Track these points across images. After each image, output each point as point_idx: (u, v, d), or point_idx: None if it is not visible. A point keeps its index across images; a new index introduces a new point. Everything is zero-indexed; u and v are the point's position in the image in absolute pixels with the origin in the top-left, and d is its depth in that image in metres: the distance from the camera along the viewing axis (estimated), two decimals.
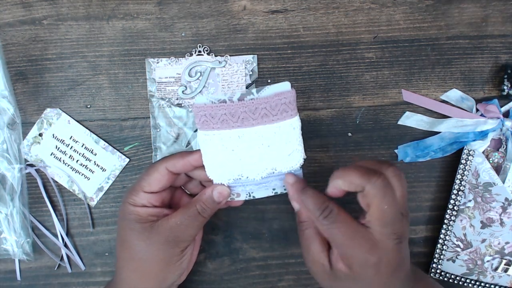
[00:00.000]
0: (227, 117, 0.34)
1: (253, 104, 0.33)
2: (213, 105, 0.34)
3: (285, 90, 0.33)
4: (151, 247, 0.37)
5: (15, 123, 0.48)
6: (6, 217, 0.47)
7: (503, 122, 0.47)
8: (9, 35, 0.49)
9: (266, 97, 0.33)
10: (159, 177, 0.38)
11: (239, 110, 0.33)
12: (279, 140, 0.35)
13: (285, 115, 0.34)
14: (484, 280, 0.48)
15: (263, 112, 0.34)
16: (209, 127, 0.35)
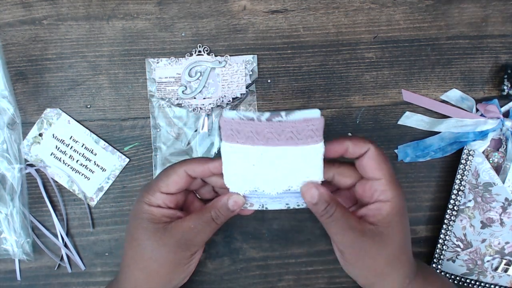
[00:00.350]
0: (253, 135, 0.34)
1: (280, 126, 0.34)
2: (241, 121, 0.34)
3: (314, 117, 0.34)
4: (162, 248, 0.37)
5: (15, 123, 0.48)
6: (6, 217, 0.47)
7: (503, 122, 0.47)
8: (9, 35, 0.49)
9: (294, 121, 0.34)
10: (177, 179, 0.38)
11: (265, 129, 0.34)
12: (300, 162, 0.35)
13: (310, 140, 0.34)
14: (484, 280, 0.48)
15: (289, 135, 0.34)
16: (234, 141, 0.35)
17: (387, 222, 0.36)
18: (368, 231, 0.35)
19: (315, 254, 0.49)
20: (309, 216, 0.49)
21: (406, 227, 0.37)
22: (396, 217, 0.36)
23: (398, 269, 0.37)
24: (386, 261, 0.36)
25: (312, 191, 0.35)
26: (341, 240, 0.36)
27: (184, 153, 0.49)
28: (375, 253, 0.36)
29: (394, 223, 0.36)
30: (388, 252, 0.36)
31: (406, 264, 0.38)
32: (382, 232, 0.35)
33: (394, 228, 0.36)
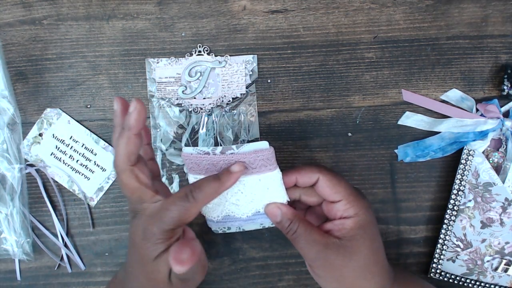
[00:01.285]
0: (210, 166, 0.37)
1: (233, 158, 0.37)
2: (198, 155, 0.37)
3: (263, 148, 0.36)
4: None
5: (15, 123, 0.48)
6: (6, 217, 0.47)
7: (503, 122, 0.47)
8: (9, 35, 0.49)
9: (244, 152, 0.36)
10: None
11: (220, 162, 0.37)
12: (262, 188, 0.38)
13: (264, 169, 0.37)
14: (484, 280, 0.48)
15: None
16: (196, 173, 0.38)
17: (351, 235, 0.36)
18: (332, 244, 0.36)
19: None
20: None
21: (374, 239, 0.38)
22: (360, 231, 0.37)
23: (369, 280, 0.37)
24: (354, 273, 0.37)
25: (274, 211, 0.38)
26: (307, 254, 0.37)
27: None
28: (341, 265, 0.36)
29: (358, 236, 0.36)
30: (355, 265, 0.36)
31: (379, 274, 0.38)
32: (346, 245, 0.36)
33: (359, 241, 0.37)
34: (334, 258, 0.36)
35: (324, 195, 0.38)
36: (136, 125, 0.33)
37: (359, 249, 0.36)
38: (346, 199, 0.37)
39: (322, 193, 0.38)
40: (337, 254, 0.36)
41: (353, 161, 0.49)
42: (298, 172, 0.38)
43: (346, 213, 0.37)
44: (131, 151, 0.33)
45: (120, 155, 0.34)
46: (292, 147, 0.49)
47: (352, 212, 0.37)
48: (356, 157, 0.49)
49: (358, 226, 0.37)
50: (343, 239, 0.37)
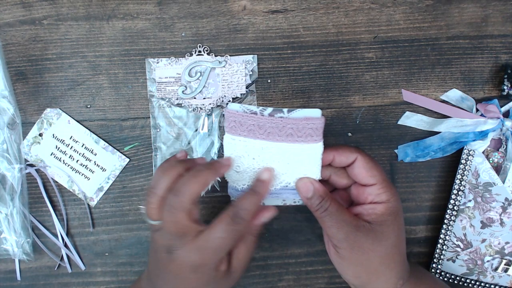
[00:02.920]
0: (255, 128, 0.36)
1: (282, 122, 0.35)
2: (244, 114, 0.35)
3: (315, 117, 0.35)
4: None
5: (15, 123, 0.48)
6: (6, 217, 0.47)
7: (503, 122, 0.47)
8: (9, 35, 0.49)
9: (295, 118, 0.35)
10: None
11: (267, 124, 0.35)
12: (299, 160, 0.36)
13: (309, 139, 0.36)
14: (484, 280, 0.48)
15: (289, 131, 0.36)
16: (236, 133, 0.36)
17: (382, 221, 0.36)
18: (363, 227, 0.36)
19: (315, 254, 0.49)
20: (309, 216, 0.49)
21: (401, 228, 0.38)
22: (391, 217, 0.36)
23: (391, 268, 0.37)
24: (380, 259, 0.37)
25: (307, 186, 0.37)
26: (335, 234, 0.36)
27: None
28: (369, 248, 0.36)
29: (388, 222, 0.36)
30: (382, 250, 0.36)
31: (399, 264, 0.38)
32: (376, 229, 0.36)
33: (389, 227, 0.36)
34: (364, 241, 0.36)
35: (358, 177, 0.37)
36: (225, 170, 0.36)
37: (388, 235, 0.36)
38: (381, 183, 0.36)
39: (357, 174, 0.37)
40: (366, 237, 0.36)
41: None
42: (336, 150, 0.37)
43: (378, 198, 0.37)
44: (200, 191, 0.35)
45: (190, 194, 0.34)
46: None
47: (385, 198, 0.36)
48: None
49: (389, 212, 0.36)
50: (373, 223, 0.36)
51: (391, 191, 0.37)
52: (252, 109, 0.35)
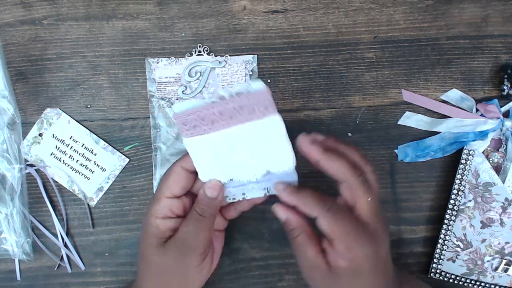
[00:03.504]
0: (217, 117, 0.33)
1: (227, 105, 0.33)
2: (191, 111, 0.33)
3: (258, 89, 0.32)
4: (166, 262, 0.37)
5: (15, 123, 0.48)
6: (6, 217, 0.47)
7: (503, 122, 0.47)
8: (9, 35, 0.49)
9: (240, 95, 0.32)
10: (177, 178, 0.37)
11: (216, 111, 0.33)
12: (263, 140, 0.34)
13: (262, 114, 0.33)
14: (484, 280, 0.48)
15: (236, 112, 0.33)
16: (193, 134, 0.35)
17: (340, 273, 0.35)
18: (319, 269, 0.35)
19: None
20: None
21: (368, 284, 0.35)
22: (350, 275, 0.34)
23: None
24: None
25: (280, 214, 0.37)
26: (298, 261, 0.37)
27: (184, 153, 0.49)
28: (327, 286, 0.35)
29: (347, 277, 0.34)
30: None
31: None
32: (332, 277, 0.35)
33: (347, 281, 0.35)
34: (319, 280, 0.36)
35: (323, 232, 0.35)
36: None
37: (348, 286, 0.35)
38: (345, 245, 0.34)
39: (321, 230, 0.35)
40: (322, 279, 0.35)
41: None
42: (301, 201, 0.35)
43: (344, 255, 0.34)
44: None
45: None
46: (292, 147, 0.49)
47: (350, 257, 0.34)
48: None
49: (351, 271, 0.34)
50: (332, 270, 0.35)
51: (362, 254, 0.34)
52: (196, 104, 0.33)
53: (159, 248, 0.37)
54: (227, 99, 0.32)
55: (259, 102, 0.32)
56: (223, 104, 0.32)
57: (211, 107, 0.33)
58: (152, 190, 0.49)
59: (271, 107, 0.33)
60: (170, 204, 0.37)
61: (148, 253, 0.37)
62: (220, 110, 0.33)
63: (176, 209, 0.38)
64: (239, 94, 0.32)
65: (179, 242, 0.37)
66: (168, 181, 0.37)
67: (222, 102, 0.32)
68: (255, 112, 0.33)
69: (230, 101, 0.32)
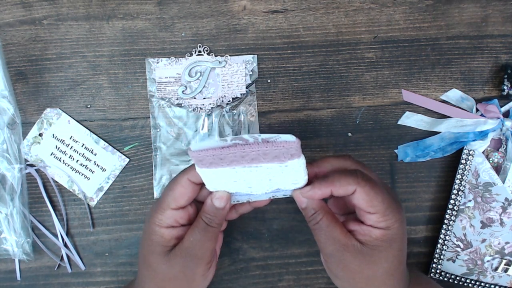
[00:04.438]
0: (237, 159, 0.32)
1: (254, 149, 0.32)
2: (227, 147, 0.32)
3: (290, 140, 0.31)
4: (172, 271, 0.36)
5: (15, 123, 0.48)
6: (6, 217, 0.47)
7: (503, 122, 0.47)
8: (9, 35, 0.49)
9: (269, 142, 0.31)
10: (183, 191, 0.36)
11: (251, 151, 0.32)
12: (280, 172, 0.34)
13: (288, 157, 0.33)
14: (484, 280, 0.48)
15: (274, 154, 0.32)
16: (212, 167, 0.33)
17: (375, 245, 0.35)
18: (352, 247, 0.35)
19: (315, 254, 0.49)
20: None
21: (396, 255, 0.36)
22: (386, 243, 0.35)
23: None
24: (367, 281, 0.35)
25: (300, 198, 0.36)
26: (323, 248, 0.36)
27: (184, 153, 0.49)
28: (355, 270, 0.35)
29: (382, 248, 0.35)
30: (370, 274, 0.35)
31: (393, 285, 0.36)
32: (366, 252, 0.34)
33: (381, 253, 0.35)
34: (350, 261, 0.35)
35: (358, 206, 0.35)
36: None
37: (379, 261, 0.35)
38: (382, 213, 0.34)
39: (357, 204, 0.35)
40: (354, 258, 0.35)
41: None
42: (332, 184, 0.34)
43: (378, 224, 0.34)
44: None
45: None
46: None
47: (384, 225, 0.34)
48: (356, 157, 0.49)
49: (386, 239, 0.34)
50: (365, 245, 0.35)
51: (392, 219, 0.34)
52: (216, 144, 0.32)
53: (164, 256, 0.36)
54: (252, 144, 0.31)
55: (286, 150, 0.32)
56: (247, 148, 0.31)
57: (233, 149, 0.31)
58: (152, 190, 0.49)
59: (297, 153, 0.32)
60: (175, 214, 0.37)
61: (153, 261, 0.37)
62: (242, 154, 0.32)
63: (181, 219, 0.37)
64: (265, 141, 0.31)
65: (185, 251, 0.36)
66: (174, 192, 0.36)
67: (246, 146, 0.31)
68: (280, 158, 0.32)
69: (255, 146, 0.31)
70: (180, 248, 0.36)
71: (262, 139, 0.31)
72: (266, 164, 0.33)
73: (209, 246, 0.37)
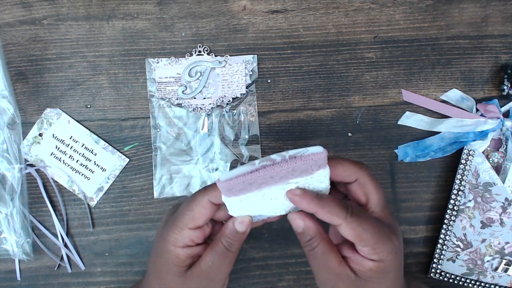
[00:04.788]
0: (267, 180, 0.32)
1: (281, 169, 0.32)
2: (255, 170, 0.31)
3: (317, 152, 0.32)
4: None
5: (15, 123, 0.48)
6: (6, 217, 0.47)
7: (503, 122, 0.47)
8: (9, 35, 0.49)
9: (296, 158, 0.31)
10: (203, 211, 0.35)
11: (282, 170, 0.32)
12: (305, 184, 0.34)
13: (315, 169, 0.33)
14: (484, 280, 0.48)
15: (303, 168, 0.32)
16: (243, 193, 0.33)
17: (368, 277, 0.34)
18: (346, 277, 0.34)
19: None
20: None
21: (393, 283, 0.35)
22: (380, 275, 0.33)
23: None
24: None
25: (297, 222, 0.35)
26: (316, 275, 0.35)
27: (184, 153, 0.49)
28: None
29: (375, 280, 0.33)
30: None
31: None
32: (360, 284, 0.34)
33: (375, 284, 0.34)
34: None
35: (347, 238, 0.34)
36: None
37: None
38: (371, 246, 0.33)
39: (345, 236, 0.33)
40: (349, 287, 0.34)
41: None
42: (321, 209, 0.33)
43: (370, 257, 0.33)
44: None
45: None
46: (292, 147, 0.49)
47: (376, 258, 0.33)
48: (356, 157, 0.49)
49: (379, 270, 0.33)
50: (359, 276, 0.33)
51: (385, 251, 0.33)
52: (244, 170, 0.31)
53: (180, 277, 0.36)
54: (280, 163, 0.31)
55: (314, 163, 0.32)
56: (275, 168, 0.31)
57: (263, 172, 0.31)
58: (152, 190, 0.49)
59: (324, 164, 0.33)
60: (192, 234, 0.36)
61: (168, 280, 0.36)
62: (271, 175, 0.32)
63: (197, 239, 0.36)
64: (293, 157, 0.31)
65: (202, 274, 0.35)
66: (193, 213, 0.35)
67: (275, 166, 0.31)
68: (308, 171, 0.32)
69: (283, 164, 0.31)
70: (197, 271, 0.35)
71: (289, 156, 0.31)
72: (294, 180, 0.33)
73: (225, 270, 0.36)
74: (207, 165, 0.49)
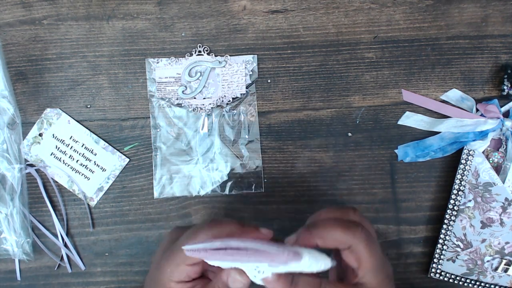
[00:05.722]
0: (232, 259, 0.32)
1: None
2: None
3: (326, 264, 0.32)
4: None
5: (15, 123, 0.48)
6: (6, 217, 0.47)
7: (503, 122, 0.47)
8: (9, 35, 0.49)
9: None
10: None
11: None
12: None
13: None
14: (484, 280, 0.48)
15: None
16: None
17: None
18: None
19: None
20: (309, 216, 0.49)
21: None
22: None
23: None
24: None
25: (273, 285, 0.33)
26: None
27: (184, 153, 0.49)
28: None
29: None
30: None
31: None
32: None
33: None
34: None
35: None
36: None
37: None
38: None
39: None
40: None
41: (353, 161, 0.49)
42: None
43: None
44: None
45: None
46: (292, 147, 0.49)
47: None
48: (356, 157, 0.49)
49: None
50: None
51: None
52: (208, 245, 0.31)
53: None
54: (240, 251, 0.31)
55: (274, 259, 0.31)
56: (235, 254, 0.31)
57: (223, 253, 0.31)
58: (152, 190, 0.49)
59: (292, 259, 0.32)
60: (189, 270, 0.35)
61: None
62: (234, 259, 0.31)
63: (194, 274, 0.35)
64: (253, 250, 0.31)
65: None
66: None
67: (234, 251, 0.31)
68: (275, 261, 0.32)
69: (243, 253, 0.31)
70: None
71: (250, 248, 0.31)
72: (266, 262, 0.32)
73: None
74: (207, 165, 0.49)
